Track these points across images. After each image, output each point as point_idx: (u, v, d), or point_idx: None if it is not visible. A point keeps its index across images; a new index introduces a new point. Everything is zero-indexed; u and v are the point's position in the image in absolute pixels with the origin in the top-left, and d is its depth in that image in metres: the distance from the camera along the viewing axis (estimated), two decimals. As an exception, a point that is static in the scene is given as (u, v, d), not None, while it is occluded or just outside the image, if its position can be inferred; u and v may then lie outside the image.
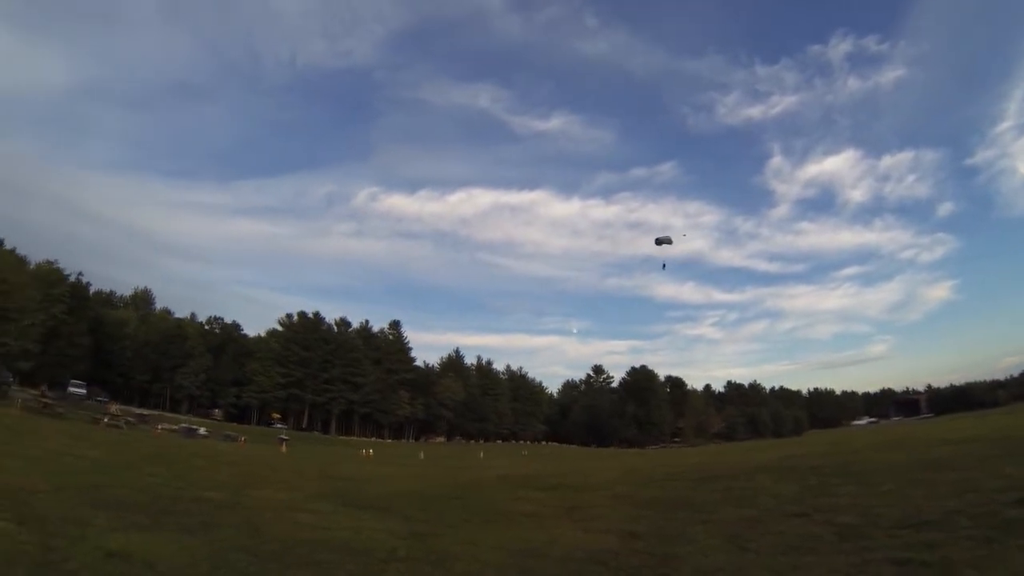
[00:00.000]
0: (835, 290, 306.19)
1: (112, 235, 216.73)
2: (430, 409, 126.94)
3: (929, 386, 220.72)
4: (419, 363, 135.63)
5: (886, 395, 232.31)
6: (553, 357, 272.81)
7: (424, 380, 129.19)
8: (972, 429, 35.60)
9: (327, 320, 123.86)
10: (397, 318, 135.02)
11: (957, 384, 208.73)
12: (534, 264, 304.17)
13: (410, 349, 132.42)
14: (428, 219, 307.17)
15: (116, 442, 30.29)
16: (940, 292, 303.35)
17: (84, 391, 75.74)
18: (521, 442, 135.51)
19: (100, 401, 70.70)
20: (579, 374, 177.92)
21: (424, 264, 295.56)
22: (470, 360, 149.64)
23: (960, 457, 18.61)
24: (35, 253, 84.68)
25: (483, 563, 9.77)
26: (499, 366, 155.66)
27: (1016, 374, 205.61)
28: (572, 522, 14.47)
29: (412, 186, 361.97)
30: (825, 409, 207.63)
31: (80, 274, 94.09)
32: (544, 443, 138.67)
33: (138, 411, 72.08)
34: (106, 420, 48.14)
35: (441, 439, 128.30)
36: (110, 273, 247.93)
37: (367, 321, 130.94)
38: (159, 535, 9.66)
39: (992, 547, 8.08)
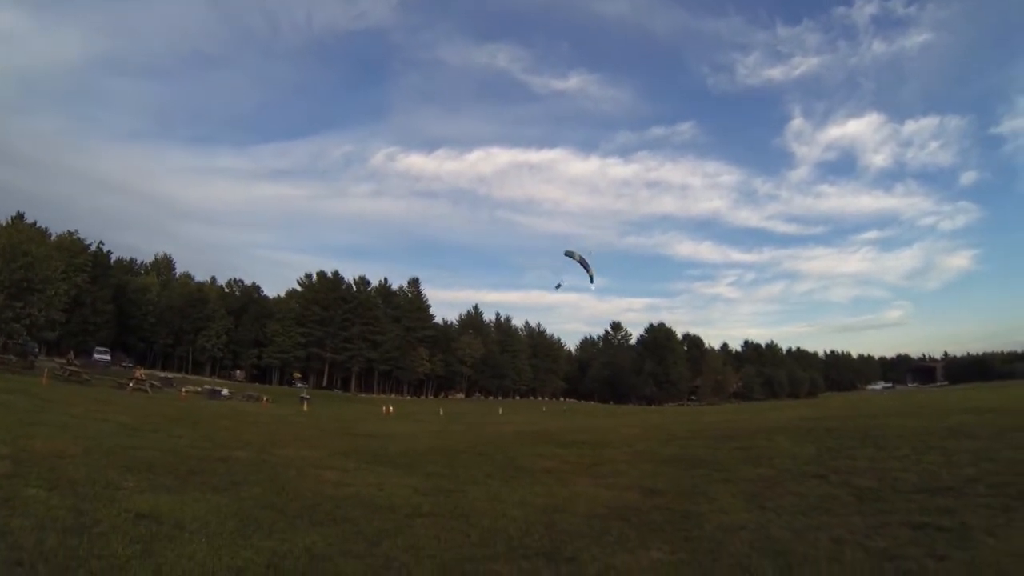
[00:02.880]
0: (854, 254, 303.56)
1: (133, 204, 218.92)
2: (449, 366, 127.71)
3: (946, 354, 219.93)
4: (438, 320, 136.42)
5: (902, 361, 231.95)
6: (571, 314, 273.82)
7: (443, 337, 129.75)
8: (990, 400, 35.56)
9: (346, 279, 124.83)
10: (416, 276, 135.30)
11: (974, 354, 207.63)
12: (553, 222, 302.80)
13: (429, 307, 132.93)
14: (447, 178, 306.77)
15: (142, 406, 30.87)
16: (960, 261, 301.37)
17: (109, 357, 78.07)
18: (540, 398, 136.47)
19: (125, 366, 72.46)
20: (597, 331, 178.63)
21: (443, 223, 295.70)
22: (489, 317, 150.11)
23: (978, 426, 18.61)
24: (58, 225, 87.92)
25: (508, 518, 9.90)
26: (518, 323, 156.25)
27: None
28: (592, 479, 14.71)
29: (430, 146, 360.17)
30: (841, 372, 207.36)
31: (101, 243, 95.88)
32: (562, 400, 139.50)
33: (163, 374, 73.91)
34: (131, 384, 49.22)
35: (460, 396, 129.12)
36: (132, 241, 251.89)
37: (386, 279, 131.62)
38: (187, 495, 9.83)
39: (1010, 515, 8.31)
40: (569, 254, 32.23)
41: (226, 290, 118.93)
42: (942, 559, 6.87)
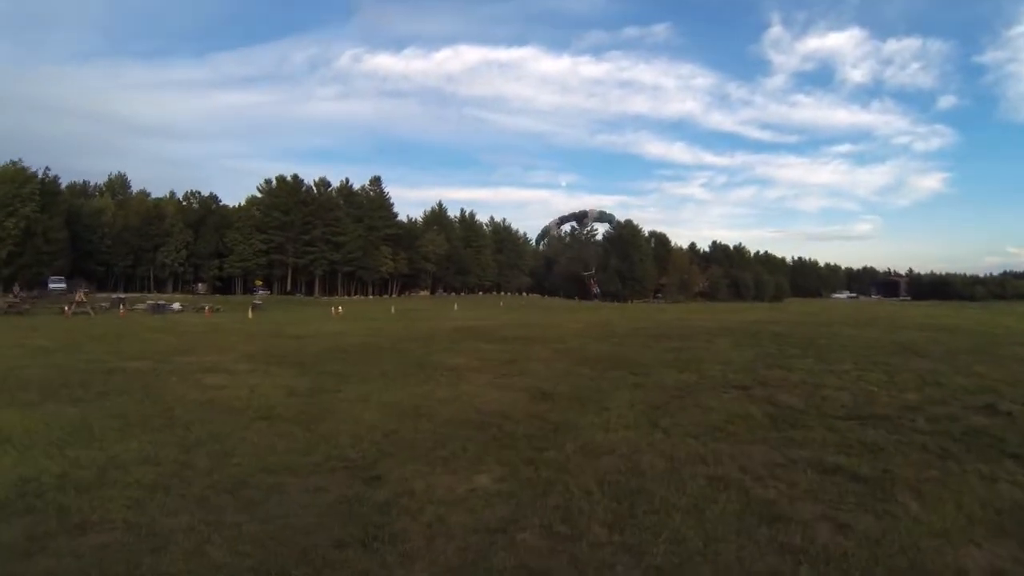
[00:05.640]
0: (826, 165, 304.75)
1: (86, 126, 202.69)
2: (413, 264, 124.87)
3: (911, 270, 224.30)
4: (402, 219, 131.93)
5: (868, 273, 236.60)
6: (541, 210, 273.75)
7: (407, 235, 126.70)
8: (947, 318, 35.13)
9: (306, 182, 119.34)
10: (378, 175, 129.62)
11: (938, 273, 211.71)
12: (523, 119, 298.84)
13: (392, 205, 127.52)
14: (415, 77, 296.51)
15: (73, 328, 29.39)
16: (931, 183, 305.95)
17: (64, 285, 75.06)
18: (504, 294, 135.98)
19: (84, 292, 69.62)
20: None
21: (411, 123, 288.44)
22: (454, 213, 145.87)
23: (930, 345, 17.69)
24: (3, 157, 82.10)
25: (356, 422, 8.86)
26: (483, 218, 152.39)
27: (996, 273, 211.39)
28: (494, 377, 13.39)
29: (397, 45, 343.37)
30: (807, 279, 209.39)
31: (47, 169, 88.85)
32: (525, 295, 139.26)
33: (116, 295, 71.18)
34: (67, 308, 47.89)
35: (425, 293, 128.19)
36: (86, 165, 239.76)
37: (347, 179, 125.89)
38: (40, 409, 9.64)
39: (946, 465, 6.50)
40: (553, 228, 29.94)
41: (184, 203, 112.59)
42: (842, 529, 4.95)
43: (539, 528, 5.05)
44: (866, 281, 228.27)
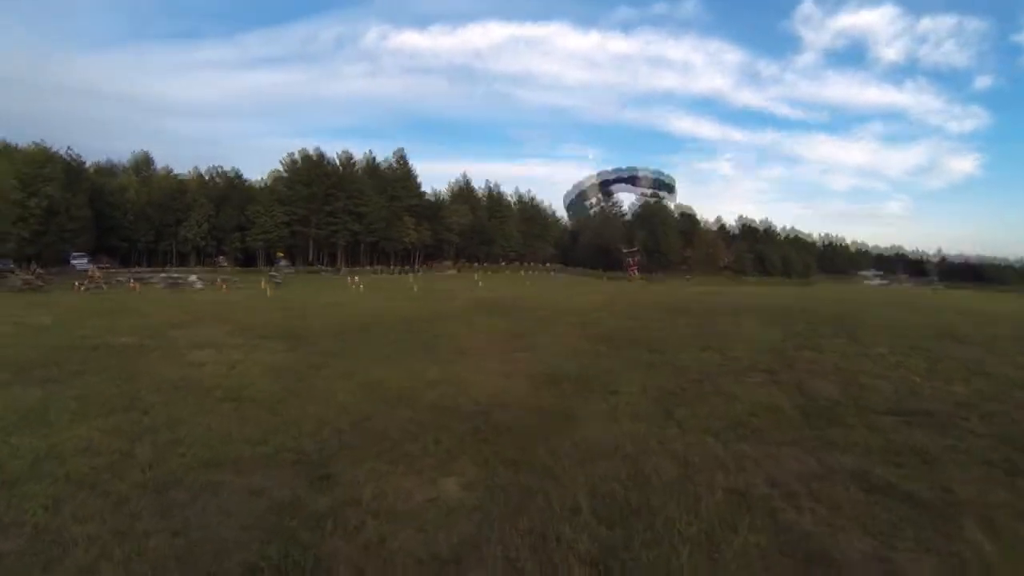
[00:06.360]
0: (857, 143, 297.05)
1: (114, 108, 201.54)
2: (437, 235, 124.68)
3: (940, 252, 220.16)
4: (428, 192, 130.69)
5: (897, 255, 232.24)
6: (568, 184, 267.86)
7: (431, 207, 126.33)
8: (982, 303, 33.81)
9: (330, 156, 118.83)
10: (402, 147, 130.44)
11: (969, 258, 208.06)
12: (551, 95, 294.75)
13: (416, 177, 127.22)
14: (442, 54, 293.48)
15: (80, 304, 28.55)
16: (965, 165, 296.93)
17: (86, 261, 75.45)
18: (528, 264, 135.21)
19: (103, 268, 70.03)
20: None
21: (438, 99, 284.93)
22: (479, 186, 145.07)
23: (970, 330, 16.49)
24: (33, 140, 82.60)
25: (324, 405, 8.13)
26: (507, 189, 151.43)
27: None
28: (499, 355, 12.40)
29: (423, 22, 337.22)
30: (835, 259, 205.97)
31: (69, 148, 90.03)
32: (549, 267, 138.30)
33: (134, 271, 71.89)
34: (78, 285, 47.80)
35: (448, 263, 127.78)
36: (113, 146, 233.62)
37: (370, 151, 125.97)
38: (7, 391, 8.98)
39: (1016, 485, 5.28)
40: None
41: (206, 180, 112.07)
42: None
43: (501, 562, 4.01)
44: (894, 262, 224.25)
